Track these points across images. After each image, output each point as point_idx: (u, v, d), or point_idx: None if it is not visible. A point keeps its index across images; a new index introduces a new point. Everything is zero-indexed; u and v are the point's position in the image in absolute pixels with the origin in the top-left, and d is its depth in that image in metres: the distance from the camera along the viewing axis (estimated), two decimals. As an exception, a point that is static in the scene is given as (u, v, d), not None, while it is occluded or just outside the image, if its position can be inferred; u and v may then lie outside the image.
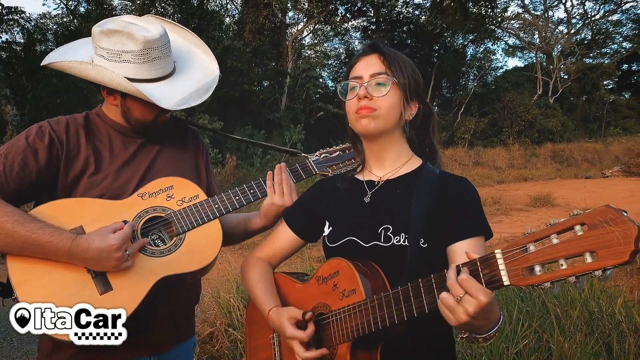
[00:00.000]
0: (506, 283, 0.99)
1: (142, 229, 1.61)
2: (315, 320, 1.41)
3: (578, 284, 0.90)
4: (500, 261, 1.00)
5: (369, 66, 1.44)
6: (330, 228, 1.52)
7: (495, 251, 1.01)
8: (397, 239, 1.35)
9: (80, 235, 1.48)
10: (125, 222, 1.56)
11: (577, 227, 0.89)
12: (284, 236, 1.67)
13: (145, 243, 1.57)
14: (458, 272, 1.06)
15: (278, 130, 17.76)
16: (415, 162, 1.51)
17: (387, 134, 1.46)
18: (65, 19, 22.51)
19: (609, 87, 33.12)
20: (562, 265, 0.90)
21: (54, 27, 21.53)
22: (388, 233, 1.37)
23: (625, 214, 0.85)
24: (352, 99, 1.44)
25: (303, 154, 1.89)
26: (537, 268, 0.94)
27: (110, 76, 1.55)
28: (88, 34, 1.66)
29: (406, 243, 1.33)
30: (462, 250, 1.30)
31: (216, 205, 1.68)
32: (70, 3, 22.45)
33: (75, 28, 18.40)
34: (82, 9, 22.21)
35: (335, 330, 1.35)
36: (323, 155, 1.80)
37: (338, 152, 1.80)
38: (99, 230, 1.50)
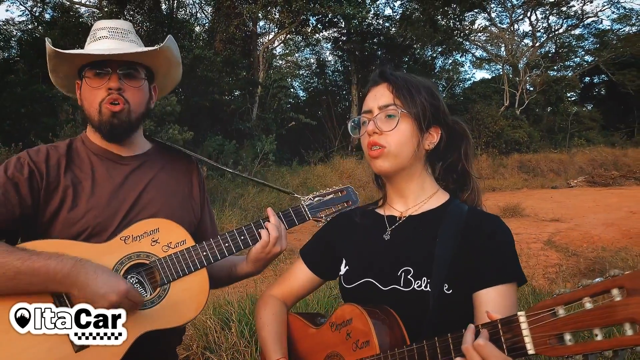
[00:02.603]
0: (531, 352, 0.88)
1: (123, 275, 1.49)
2: None
3: (617, 359, 0.78)
4: (524, 325, 0.89)
5: (377, 98, 1.35)
6: (347, 267, 1.42)
7: (519, 313, 0.91)
8: (418, 283, 1.24)
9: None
10: None
11: (615, 291, 0.77)
12: (301, 274, 1.56)
13: None
14: (477, 333, 0.97)
15: (249, 140, 17.54)
16: (442, 197, 1.40)
17: (406, 169, 1.35)
18: (30, 26, 21.82)
19: (573, 99, 33.98)
20: (596, 335, 0.79)
21: (18, 33, 20.83)
22: (409, 276, 1.27)
23: None
24: (363, 134, 1.36)
25: (296, 195, 1.82)
26: (568, 337, 0.83)
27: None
28: (53, 41, 1.60)
29: (428, 288, 1.22)
30: (490, 298, 1.20)
31: (204, 253, 1.56)
32: (35, 10, 21.83)
33: (40, 35, 17.85)
34: (47, 16, 21.61)
35: None
36: (317, 199, 1.72)
37: (332, 195, 1.74)
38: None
